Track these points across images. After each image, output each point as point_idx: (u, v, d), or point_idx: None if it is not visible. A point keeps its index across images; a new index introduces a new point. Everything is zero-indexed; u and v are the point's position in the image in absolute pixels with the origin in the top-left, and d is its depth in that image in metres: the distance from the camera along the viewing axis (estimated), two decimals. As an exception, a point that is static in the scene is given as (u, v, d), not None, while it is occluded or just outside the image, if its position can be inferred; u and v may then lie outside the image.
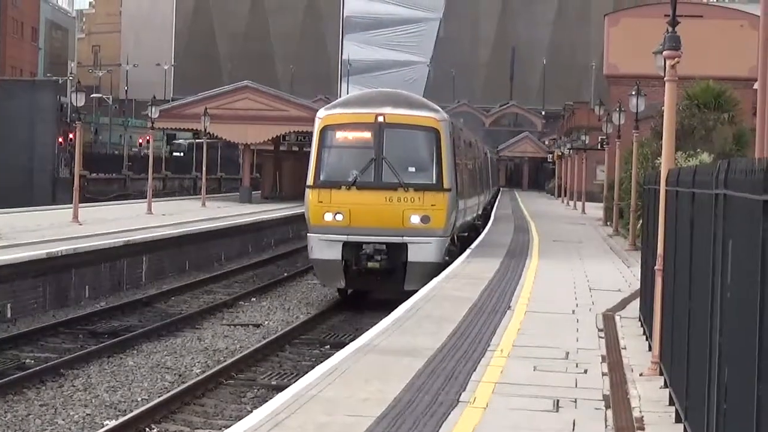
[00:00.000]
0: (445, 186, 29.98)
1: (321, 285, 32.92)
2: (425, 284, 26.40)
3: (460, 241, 36.84)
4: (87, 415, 18.46)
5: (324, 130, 30.09)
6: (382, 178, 29.47)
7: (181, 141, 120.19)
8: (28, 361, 23.05)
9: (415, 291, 25.20)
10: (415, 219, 29.37)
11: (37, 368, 21.73)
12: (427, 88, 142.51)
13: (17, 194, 63.60)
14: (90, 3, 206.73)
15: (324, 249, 29.49)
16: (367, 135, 29.91)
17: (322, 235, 29.56)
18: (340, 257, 29.37)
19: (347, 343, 19.31)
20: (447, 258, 30.93)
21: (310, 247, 30.37)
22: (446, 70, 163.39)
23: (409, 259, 29.36)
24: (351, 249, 29.37)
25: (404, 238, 29.34)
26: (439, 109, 32.34)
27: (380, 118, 29.56)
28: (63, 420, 18.05)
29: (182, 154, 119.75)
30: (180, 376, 21.90)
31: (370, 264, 29.29)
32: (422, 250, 29.31)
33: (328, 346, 24.98)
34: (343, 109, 31.05)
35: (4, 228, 37.39)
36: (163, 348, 25.06)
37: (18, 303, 28.11)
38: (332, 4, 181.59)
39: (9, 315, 27.56)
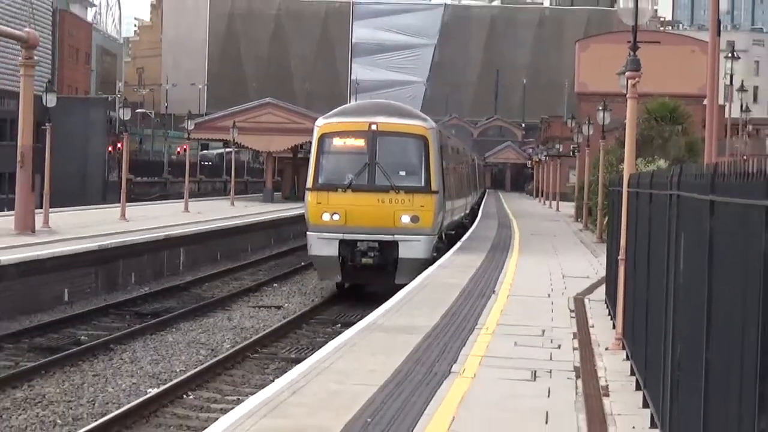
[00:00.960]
0: (433, 188, 28.75)
1: (319, 279, 31.40)
2: (414, 278, 25.43)
3: (448, 238, 35.73)
4: (133, 384, 18.51)
5: (322, 138, 28.90)
6: (375, 182, 28.28)
7: (207, 152, 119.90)
8: (82, 337, 23.11)
9: (406, 284, 24.27)
10: (406, 219, 28.20)
11: (91, 344, 21.81)
12: (423, 104, 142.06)
13: (73, 196, 63.65)
14: (135, 31, 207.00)
15: (322, 246, 28.28)
16: (361, 142, 28.68)
17: (320, 233, 28.37)
18: (336, 254, 28.12)
19: (355, 323, 19.31)
20: (435, 254, 29.81)
21: (309, 245, 29.07)
22: (440, 89, 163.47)
23: (400, 256, 28.08)
24: (347, 246, 28.11)
25: (395, 236, 28.09)
26: (427, 118, 31.16)
27: (373, 126, 28.43)
28: (112, 388, 18.09)
29: (210, 163, 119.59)
30: (212, 350, 21.96)
31: (364, 260, 28.04)
32: (412, 248, 28.11)
33: (339, 325, 24.96)
34: (339, 118, 29.59)
35: (63, 224, 37.44)
36: (197, 326, 25.12)
37: (74, 288, 28.19)
38: (342, 31, 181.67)
39: (66, 298, 27.63)
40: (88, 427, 14.62)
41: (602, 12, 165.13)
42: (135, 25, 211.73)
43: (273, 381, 14.14)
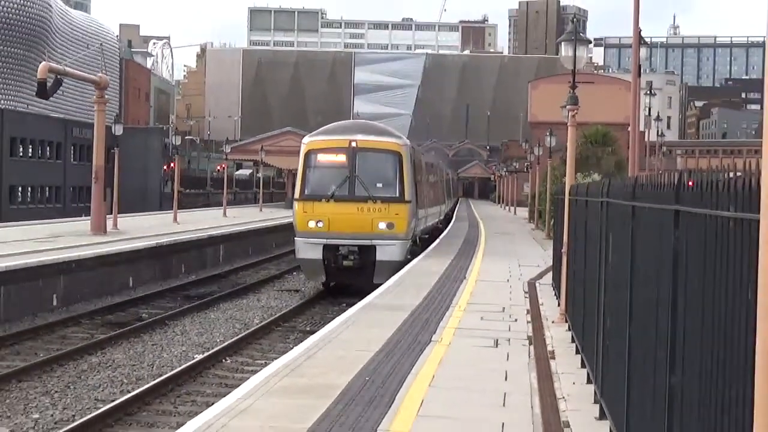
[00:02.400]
0: (406, 198, 26.16)
1: (306, 279, 28.42)
2: (390, 277, 23.12)
3: (423, 241, 32.85)
4: (183, 351, 18.48)
5: (308, 154, 26.22)
6: (355, 192, 25.73)
7: (239, 172, 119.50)
8: (143, 315, 23.09)
9: (383, 283, 21.98)
10: (382, 225, 25.69)
11: (150, 320, 21.80)
12: (410, 132, 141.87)
13: (136, 204, 63.58)
14: (184, 75, 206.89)
15: (308, 250, 25.76)
16: (342, 157, 26.02)
17: (306, 239, 25.84)
18: (321, 257, 25.60)
19: (357, 302, 19.32)
20: (409, 256, 27.20)
21: (297, 249, 26.46)
22: (422, 120, 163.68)
23: (377, 258, 25.56)
24: (330, 250, 25.61)
25: (373, 241, 25.60)
26: (402, 136, 28.45)
27: (353, 143, 25.93)
28: (167, 355, 18.08)
29: (243, 178, 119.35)
30: (245, 324, 21.93)
31: (345, 262, 25.58)
32: (388, 251, 25.59)
33: (345, 304, 24.94)
34: (323, 136, 26.83)
35: (128, 227, 37.42)
36: (233, 306, 25.08)
37: (137, 276, 28.15)
38: (347, 75, 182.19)
39: (131, 284, 27.61)
40: (148, 385, 14.61)
41: (549, 59, 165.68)
42: (184, 71, 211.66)
43: (292, 348, 14.13)
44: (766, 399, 3.19)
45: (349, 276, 26.05)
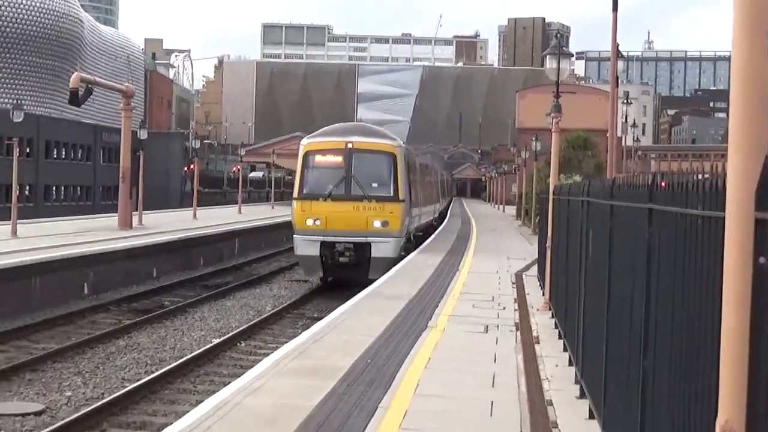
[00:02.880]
0: (400, 197, 24.92)
1: (304, 275, 26.71)
2: (385, 273, 22.04)
3: (417, 239, 31.14)
4: (202, 335, 18.49)
5: (306, 155, 25.05)
6: (351, 192, 24.51)
7: (253, 173, 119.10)
8: (166, 302, 23.07)
9: (378, 279, 20.99)
10: (377, 223, 24.48)
11: (172, 307, 21.80)
12: (408, 137, 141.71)
13: (159, 202, 63.55)
14: (203, 85, 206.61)
15: (306, 247, 24.48)
16: (339, 158, 24.76)
17: (304, 236, 24.54)
18: (318, 253, 24.37)
19: (360, 292, 19.30)
20: (402, 253, 25.96)
21: (295, 246, 25.04)
22: (419, 126, 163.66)
23: (372, 255, 24.41)
24: (327, 247, 24.35)
25: (368, 238, 24.42)
26: (396, 138, 27.07)
27: (349, 145, 24.73)
28: (187, 338, 18.08)
29: (256, 178, 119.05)
30: (258, 312, 21.91)
31: (341, 259, 24.41)
32: (382, 248, 24.46)
33: (349, 293, 24.87)
34: (321, 138, 25.66)
35: (151, 223, 37.41)
36: (248, 294, 25.08)
37: (160, 267, 28.11)
38: (351, 85, 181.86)
39: (155, 275, 27.59)
40: (170, 366, 14.62)
41: (535, 71, 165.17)
42: (203, 81, 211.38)
43: (301, 333, 14.13)
44: (729, 377, 3.20)
45: (345, 272, 24.85)
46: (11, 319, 18.88)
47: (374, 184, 24.93)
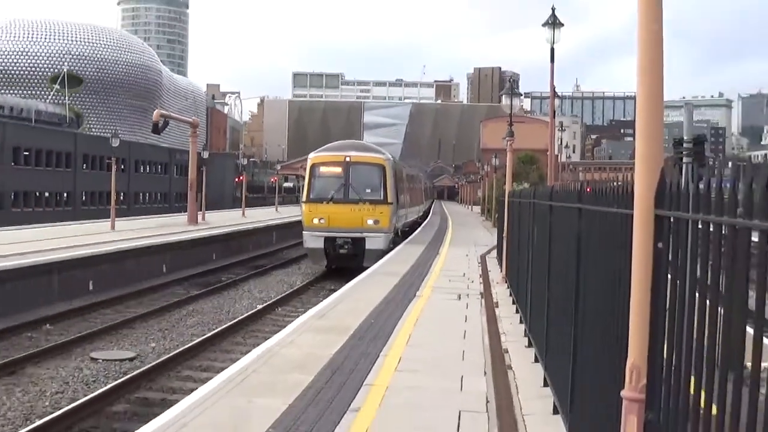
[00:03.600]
0: (389, 201, 23.54)
1: (311, 264, 24.94)
2: (376, 262, 20.70)
3: (403, 233, 29.38)
4: (249, 303, 18.41)
5: (313, 166, 23.74)
6: (349, 196, 23.21)
7: (286, 183, 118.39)
8: (223, 278, 22.94)
9: (370, 266, 19.71)
10: (370, 221, 23.17)
11: (227, 282, 21.74)
12: (400, 156, 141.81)
13: (217, 204, 63.52)
14: (249, 117, 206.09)
15: (312, 241, 23.32)
16: (339, 169, 23.40)
17: (311, 232, 23.29)
18: (322, 246, 23.23)
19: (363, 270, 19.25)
20: (391, 245, 24.56)
21: (304, 240, 23.72)
22: (409, 147, 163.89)
23: (366, 247, 23.13)
24: (329, 241, 23.23)
25: (363, 233, 23.14)
26: (385, 152, 25.44)
27: (347, 158, 23.43)
28: (238, 305, 18.03)
29: (290, 186, 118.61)
30: (290, 285, 21.81)
31: (341, 251, 23.26)
32: (374, 241, 23.18)
33: (357, 273, 24.61)
34: (325, 152, 24.22)
35: (212, 220, 37.29)
36: (283, 273, 24.94)
37: (219, 253, 27.69)
38: (358, 117, 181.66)
39: (214, 258, 27.35)
40: (226, 325, 14.61)
41: (494, 106, 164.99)
42: (249, 115, 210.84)
43: (321, 301, 14.14)
44: (635, 329, 3.22)
45: (344, 261, 23.59)
46: (112, 290, 18.88)
47: (368, 190, 23.89)
